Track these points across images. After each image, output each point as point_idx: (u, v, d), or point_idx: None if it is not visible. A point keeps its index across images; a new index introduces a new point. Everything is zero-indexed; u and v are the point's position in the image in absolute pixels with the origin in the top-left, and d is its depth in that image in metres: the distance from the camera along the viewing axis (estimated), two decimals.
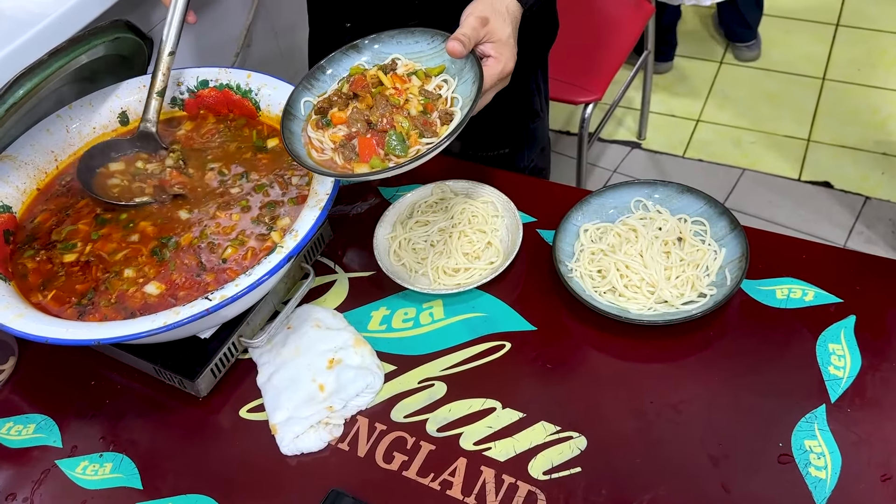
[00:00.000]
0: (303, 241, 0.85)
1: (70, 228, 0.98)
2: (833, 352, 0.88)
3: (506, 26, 0.89)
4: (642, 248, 0.97)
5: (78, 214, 1.00)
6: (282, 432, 0.89)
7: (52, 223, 0.99)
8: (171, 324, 0.79)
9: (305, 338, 0.96)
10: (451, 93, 0.91)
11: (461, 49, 0.87)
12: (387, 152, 0.87)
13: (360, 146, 0.87)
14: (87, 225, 0.98)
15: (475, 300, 1.00)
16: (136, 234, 0.96)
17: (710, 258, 0.96)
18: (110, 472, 0.90)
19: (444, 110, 0.90)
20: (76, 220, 0.99)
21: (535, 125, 1.31)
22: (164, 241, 0.94)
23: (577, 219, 1.03)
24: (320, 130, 0.91)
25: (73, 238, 0.97)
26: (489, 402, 0.90)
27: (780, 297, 0.94)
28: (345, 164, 0.88)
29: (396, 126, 0.87)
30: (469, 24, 0.88)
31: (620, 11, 2.04)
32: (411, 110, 0.88)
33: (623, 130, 2.52)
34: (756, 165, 2.33)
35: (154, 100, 1.03)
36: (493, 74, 0.89)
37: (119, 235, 0.96)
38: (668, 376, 0.89)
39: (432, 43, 0.94)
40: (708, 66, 2.66)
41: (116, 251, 0.94)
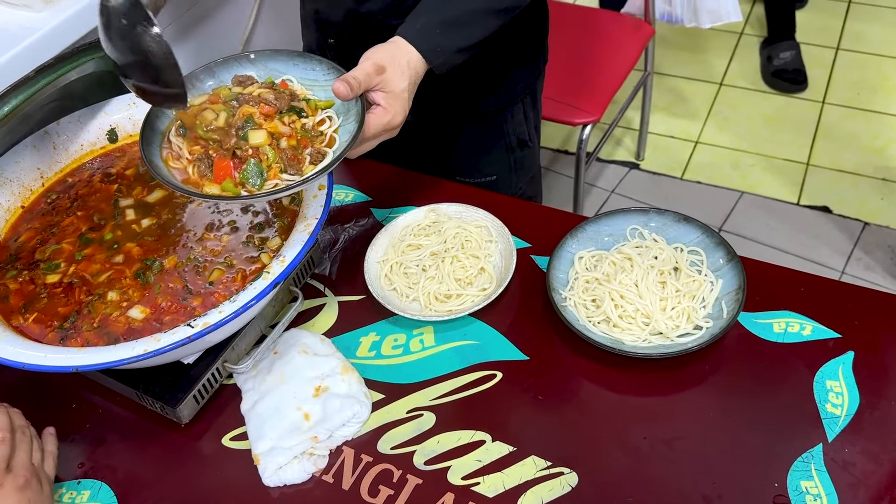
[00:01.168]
0: (290, 266, 0.83)
1: (54, 248, 0.96)
2: (831, 388, 0.86)
3: (402, 79, 0.89)
4: (637, 277, 0.95)
5: (63, 233, 0.98)
6: (264, 463, 0.86)
7: (37, 242, 0.97)
8: (151, 351, 0.76)
9: (291, 364, 0.94)
10: (333, 131, 0.90)
11: (346, 92, 0.85)
12: (241, 179, 0.84)
13: (215, 166, 0.85)
14: (70, 244, 0.96)
15: (467, 327, 0.98)
16: (121, 254, 0.94)
17: (706, 289, 0.94)
18: (88, 501, 0.87)
19: (318, 150, 0.88)
20: (60, 238, 0.97)
21: (524, 153, 1.30)
22: (149, 262, 0.92)
23: (571, 246, 1.02)
24: (180, 138, 0.88)
25: (57, 258, 0.95)
26: (479, 434, 0.87)
27: (777, 331, 0.92)
28: (197, 179, 0.85)
29: (261, 157, 0.85)
30: (363, 69, 0.87)
31: (620, 33, 2.03)
32: (282, 142, 0.86)
33: (621, 151, 2.50)
34: (755, 188, 2.31)
35: None
36: (379, 124, 0.88)
37: (103, 256, 0.94)
38: (662, 411, 0.87)
39: (328, 75, 0.93)
40: (708, 87, 2.66)
41: (100, 272, 0.92)
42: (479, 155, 1.27)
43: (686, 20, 2.02)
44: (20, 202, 1.00)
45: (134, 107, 1.06)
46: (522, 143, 1.28)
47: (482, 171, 1.28)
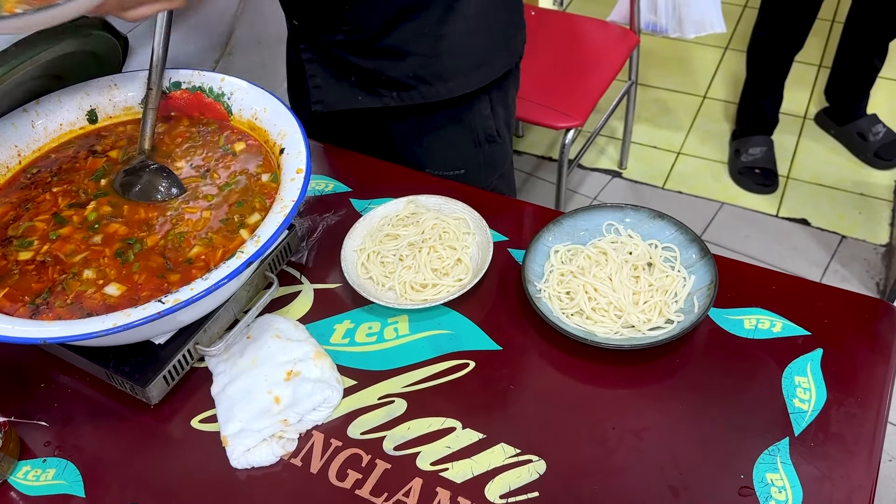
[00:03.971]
0: (264, 246, 0.83)
1: (27, 225, 0.95)
2: (799, 384, 0.87)
3: None
4: (612, 271, 0.96)
5: (37, 210, 0.97)
6: (232, 444, 0.86)
7: (10, 217, 0.97)
8: (121, 325, 0.76)
9: (264, 348, 0.94)
10: None
11: None
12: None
13: None
14: (44, 223, 0.95)
15: (441, 317, 0.98)
16: (99, 235, 0.93)
17: (678, 284, 0.95)
18: (52, 479, 0.86)
19: None
20: (34, 215, 0.96)
21: (493, 149, 1.30)
22: (131, 241, 0.91)
23: (547, 239, 1.02)
24: None
25: (31, 235, 0.94)
26: (449, 421, 0.87)
27: (747, 327, 0.93)
28: None
29: None
30: None
31: (605, 40, 2.05)
32: None
33: (604, 159, 2.52)
34: (735, 200, 2.34)
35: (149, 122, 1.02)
36: None
37: (80, 237, 0.94)
38: (631, 403, 0.88)
39: None
40: (691, 99, 2.69)
41: (75, 253, 0.91)
42: (446, 148, 1.27)
43: (670, 30, 2.05)
44: None
45: (115, 88, 1.06)
46: (491, 139, 1.29)
47: (450, 163, 1.28)
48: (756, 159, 2.35)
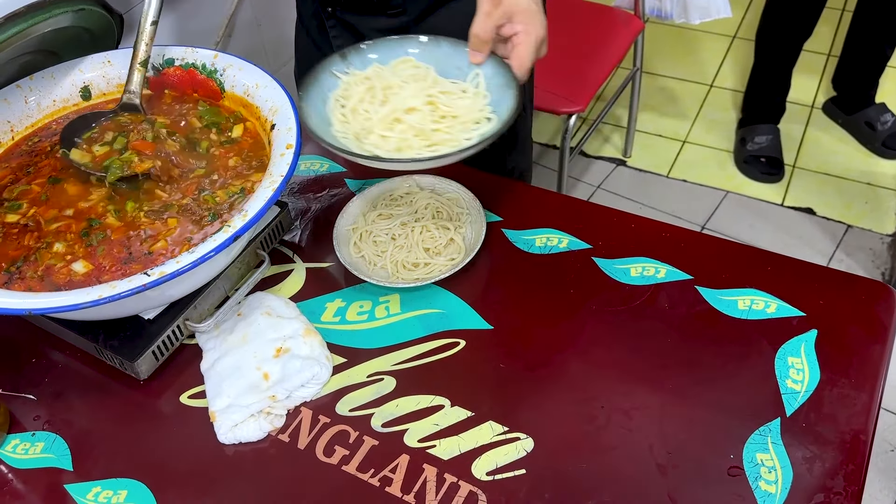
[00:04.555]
0: (251, 220, 0.82)
1: (23, 188, 0.96)
2: (792, 365, 0.86)
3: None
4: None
5: (38, 174, 0.97)
6: (220, 420, 0.86)
7: (9, 181, 0.97)
8: (106, 297, 0.76)
9: (255, 325, 0.93)
10: None
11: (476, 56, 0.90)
12: None
13: None
14: (40, 186, 0.96)
15: (433, 296, 0.97)
16: (71, 209, 0.93)
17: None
18: (41, 452, 0.86)
19: None
20: (32, 179, 0.97)
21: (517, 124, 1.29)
22: (94, 223, 0.91)
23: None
24: None
25: (23, 198, 0.94)
26: (438, 399, 0.87)
27: (741, 308, 0.92)
28: None
29: None
30: (479, 12, 0.86)
31: (609, 25, 2.03)
32: None
33: (609, 147, 2.51)
34: (740, 189, 2.32)
35: (137, 71, 1.01)
36: (529, 49, 0.88)
37: (63, 201, 0.94)
38: (621, 382, 0.87)
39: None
40: (698, 88, 2.66)
41: (54, 220, 0.91)
42: None
43: (675, 16, 2.03)
44: None
45: (108, 65, 1.06)
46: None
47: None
48: (762, 148, 2.33)
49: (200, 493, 0.82)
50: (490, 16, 0.87)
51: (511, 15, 0.88)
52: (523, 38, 0.88)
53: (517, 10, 0.88)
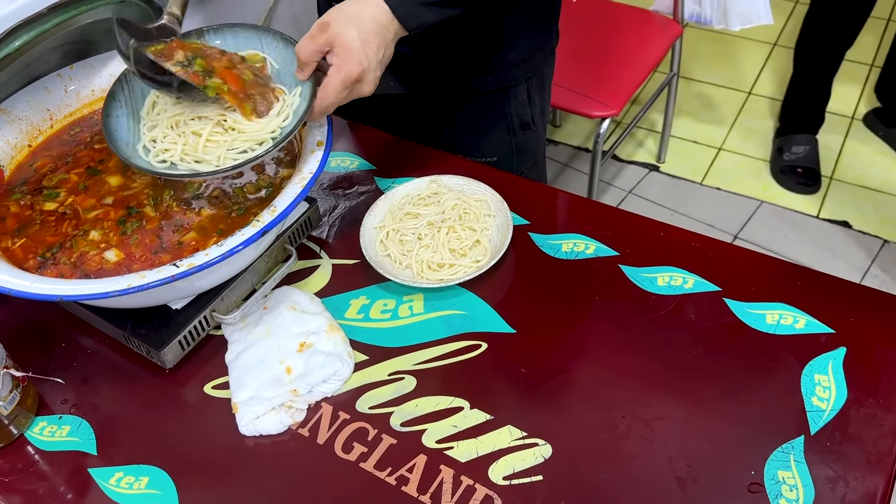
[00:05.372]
0: (280, 216, 0.83)
1: (62, 176, 0.98)
2: (818, 382, 0.84)
3: (349, 28, 0.86)
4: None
5: (77, 163, 1.00)
6: (242, 411, 0.87)
7: (48, 169, 0.99)
8: (135, 286, 0.77)
9: (279, 319, 0.94)
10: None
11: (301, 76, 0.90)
12: None
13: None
14: (78, 175, 0.98)
15: (457, 297, 0.98)
16: (112, 196, 0.95)
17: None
18: (67, 436, 0.88)
19: None
20: (71, 168, 0.99)
21: (527, 136, 1.29)
22: (132, 211, 0.93)
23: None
24: None
25: (61, 186, 0.97)
26: (458, 400, 0.87)
27: (769, 322, 0.90)
28: None
29: None
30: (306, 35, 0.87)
31: (647, 29, 2.01)
32: None
33: (642, 152, 2.48)
34: (775, 199, 2.28)
35: None
36: (336, 83, 0.87)
37: (103, 191, 0.96)
38: (644, 391, 0.86)
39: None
40: (736, 95, 2.63)
41: (91, 209, 0.93)
42: (479, 134, 1.26)
43: (715, 21, 2.00)
44: (28, 141, 1.02)
45: None
46: (525, 126, 1.27)
47: (482, 150, 1.27)
48: (799, 158, 2.29)
49: (220, 483, 0.83)
50: (313, 39, 0.86)
51: (332, 45, 0.86)
52: (332, 73, 0.87)
53: (336, 43, 0.86)
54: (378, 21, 0.87)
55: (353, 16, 0.86)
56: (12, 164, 1.00)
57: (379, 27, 0.88)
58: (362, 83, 0.89)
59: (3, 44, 0.86)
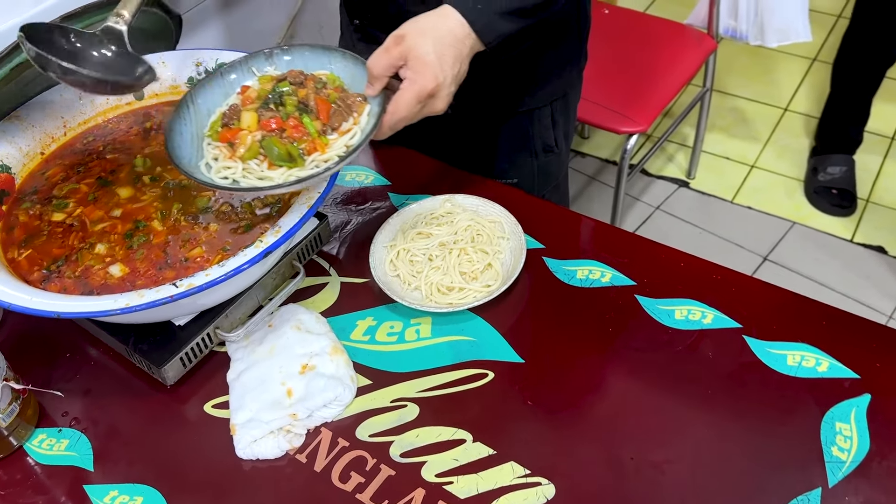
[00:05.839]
0: (283, 237, 0.81)
1: (72, 186, 0.97)
2: (839, 431, 0.80)
3: (424, 41, 0.83)
4: None
5: (88, 173, 0.99)
6: (240, 434, 0.85)
7: (60, 178, 0.98)
8: (132, 306, 0.76)
9: (283, 338, 0.92)
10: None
11: (371, 91, 0.86)
12: None
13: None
14: (88, 186, 0.97)
15: (465, 323, 0.95)
16: (120, 209, 0.94)
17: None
18: (65, 450, 0.87)
19: None
20: (81, 179, 0.98)
21: (549, 159, 1.25)
22: (140, 225, 0.92)
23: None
24: None
25: (71, 197, 0.96)
26: (460, 432, 0.84)
27: (790, 364, 0.86)
28: None
29: None
30: (380, 48, 0.84)
31: (680, 44, 1.96)
32: None
33: (672, 167, 2.43)
34: (807, 220, 2.22)
35: None
36: (410, 98, 0.83)
37: (112, 202, 0.95)
38: (655, 431, 0.83)
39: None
40: (772, 111, 2.56)
41: (99, 221, 0.92)
42: (500, 156, 1.23)
43: (751, 37, 1.95)
44: (41, 149, 1.01)
45: (163, 66, 1.06)
46: (548, 149, 1.24)
47: (503, 172, 1.24)
48: (834, 179, 2.22)
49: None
50: (387, 52, 0.83)
51: (406, 58, 0.83)
52: (405, 87, 0.83)
53: (411, 56, 0.82)
54: (455, 34, 0.84)
55: (430, 28, 0.83)
56: (24, 172, 0.99)
57: (455, 41, 0.85)
58: (436, 98, 0.85)
59: (16, 52, 0.86)
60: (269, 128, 0.86)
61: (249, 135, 0.87)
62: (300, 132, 0.86)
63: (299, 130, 0.86)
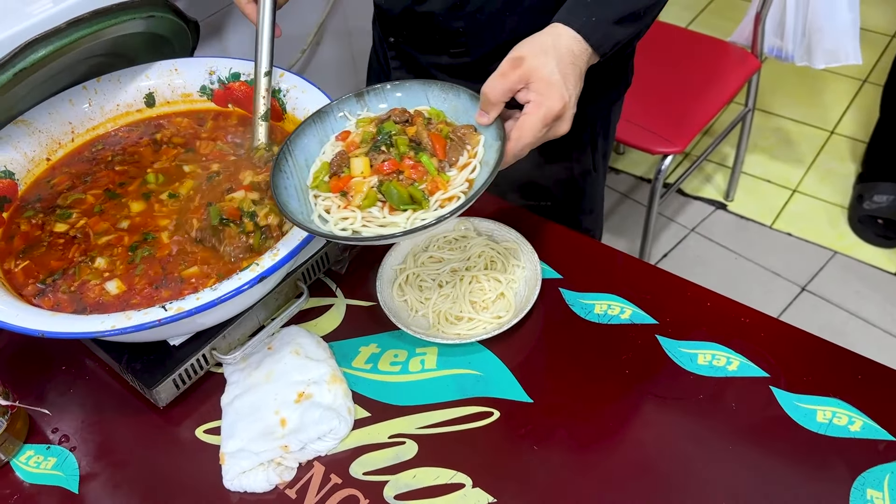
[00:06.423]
0: (280, 262, 0.77)
1: (77, 196, 0.95)
2: (871, 500, 0.73)
3: (547, 61, 0.78)
4: None
5: (95, 183, 0.96)
6: (229, 464, 0.81)
7: (65, 187, 0.96)
8: (119, 328, 0.72)
9: (281, 364, 0.88)
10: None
11: (486, 120, 0.80)
12: None
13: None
14: (94, 197, 0.94)
15: (473, 355, 0.90)
16: (128, 221, 0.91)
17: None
18: (51, 468, 0.85)
19: None
20: (88, 189, 0.96)
21: (586, 183, 1.19)
22: (148, 237, 0.88)
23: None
24: None
25: (76, 207, 0.93)
26: (459, 476, 0.79)
27: (820, 420, 0.80)
28: None
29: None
30: (497, 72, 0.78)
31: (723, 62, 1.89)
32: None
33: (709, 188, 2.35)
34: (850, 250, 2.12)
35: (260, 125, 0.97)
36: (535, 121, 0.77)
37: (121, 215, 0.92)
38: (671, 487, 0.77)
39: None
40: (817, 133, 2.46)
41: (105, 234, 0.90)
42: (533, 178, 1.17)
43: (797, 58, 1.86)
44: (47, 154, 0.99)
45: (175, 73, 1.03)
46: (585, 172, 1.18)
47: (536, 194, 1.18)
48: (880, 208, 2.11)
49: None
50: (505, 77, 0.78)
51: (528, 81, 0.78)
52: (530, 110, 0.78)
53: (535, 77, 0.77)
54: (573, 52, 0.80)
55: (550, 48, 0.79)
56: (29, 178, 0.97)
57: (574, 58, 0.81)
58: (561, 120, 0.80)
59: (17, 58, 0.83)
60: (385, 171, 0.81)
61: (364, 181, 0.81)
62: (419, 172, 0.80)
63: (417, 170, 0.80)
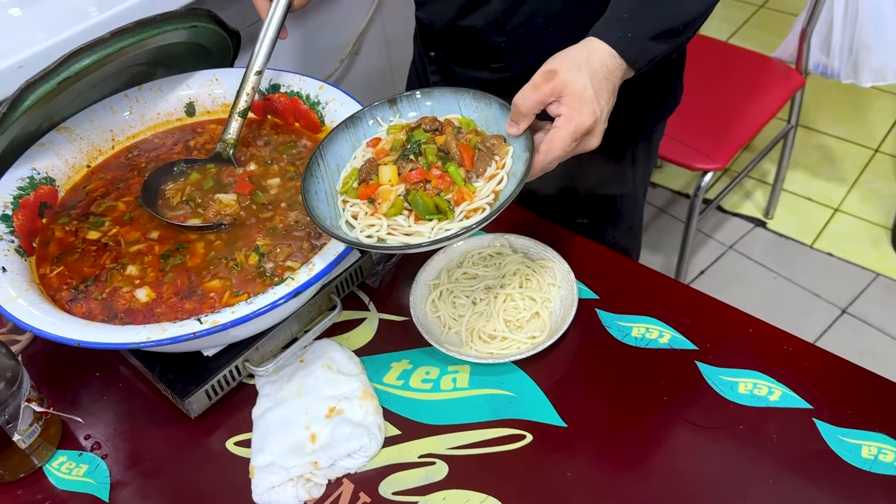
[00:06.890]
0: (316, 276, 0.77)
1: (109, 204, 0.95)
2: None
3: (580, 75, 0.77)
4: None
5: (127, 190, 0.97)
6: (258, 478, 0.81)
7: (99, 194, 0.97)
8: (155, 340, 0.72)
9: (312, 377, 0.88)
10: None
11: (515, 131, 0.80)
12: None
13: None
14: (126, 204, 0.95)
15: (506, 375, 0.89)
16: (158, 231, 0.91)
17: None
18: (83, 475, 0.85)
19: None
20: (120, 196, 0.96)
21: (624, 203, 1.17)
22: (180, 248, 0.89)
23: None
24: None
25: (108, 215, 0.94)
26: (490, 500, 0.78)
27: (865, 457, 0.77)
28: None
29: None
30: (529, 84, 0.77)
31: (766, 78, 1.85)
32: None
33: (749, 205, 2.30)
34: (893, 272, 2.06)
35: (235, 120, 0.97)
36: (565, 135, 0.76)
37: (151, 225, 0.92)
38: None
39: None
40: (861, 151, 2.40)
41: (136, 242, 0.90)
42: (571, 195, 1.16)
43: (843, 76, 1.82)
44: (87, 161, 1.00)
45: (216, 83, 1.04)
46: (625, 192, 1.16)
47: (573, 211, 1.16)
48: None
49: None
50: (537, 89, 0.77)
51: (560, 94, 0.77)
52: (561, 124, 0.77)
53: (567, 91, 0.76)
54: (607, 67, 0.80)
55: (584, 62, 0.78)
56: (68, 185, 0.98)
57: (608, 73, 0.80)
58: (592, 135, 0.79)
59: (62, 67, 0.84)
60: (412, 180, 0.80)
61: (392, 190, 0.81)
62: (445, 182, 0.80)
63: (444, 180, 0.80)
